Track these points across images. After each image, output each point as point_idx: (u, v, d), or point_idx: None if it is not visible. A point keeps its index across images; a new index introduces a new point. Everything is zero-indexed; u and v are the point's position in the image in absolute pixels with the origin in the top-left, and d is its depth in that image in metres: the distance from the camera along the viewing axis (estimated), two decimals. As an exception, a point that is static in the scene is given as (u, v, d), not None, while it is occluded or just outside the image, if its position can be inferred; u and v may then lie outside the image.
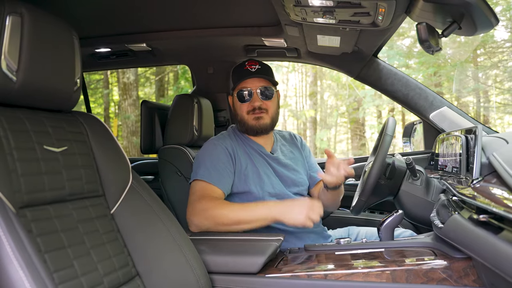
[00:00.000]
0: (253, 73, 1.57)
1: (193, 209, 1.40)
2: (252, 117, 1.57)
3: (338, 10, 1.32)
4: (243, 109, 1.59)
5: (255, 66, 1.59)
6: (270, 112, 1.59)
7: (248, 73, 1.57)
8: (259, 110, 1.57)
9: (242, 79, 1.58)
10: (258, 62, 1.61)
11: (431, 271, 1.08)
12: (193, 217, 1.39)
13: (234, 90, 1.62)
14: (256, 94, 1.57)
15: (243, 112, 1.59)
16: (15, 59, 0.86)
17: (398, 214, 1.33)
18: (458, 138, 1.17)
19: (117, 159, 1.12)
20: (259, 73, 1.57)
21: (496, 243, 0.73)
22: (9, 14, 0.85)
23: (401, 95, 1.99)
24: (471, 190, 0.94)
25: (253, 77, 1.57)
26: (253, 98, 1.57)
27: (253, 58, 1.68)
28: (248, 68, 1.58)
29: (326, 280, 1.12)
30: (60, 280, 0.82)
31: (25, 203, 0.84)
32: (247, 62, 1.61)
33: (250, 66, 1.59)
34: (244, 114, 1.59)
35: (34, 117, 0.94)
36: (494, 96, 7.33)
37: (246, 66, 1.60)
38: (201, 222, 1.37)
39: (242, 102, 1.59)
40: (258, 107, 1.56)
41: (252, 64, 1.59)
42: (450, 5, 1.09)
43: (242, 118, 1.60)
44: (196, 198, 1.43)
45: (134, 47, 2.11)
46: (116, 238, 1.04)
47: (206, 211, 1.37)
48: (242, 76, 1.58)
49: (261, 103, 1.57)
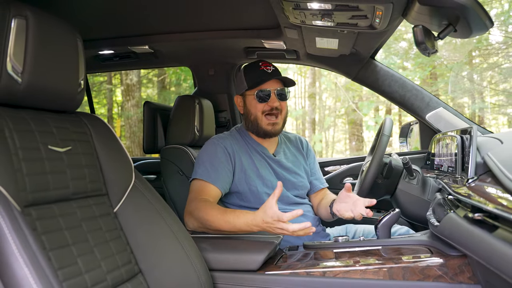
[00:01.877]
0: (272, 75, 1.56)
1: (186, 209, 1.42)
2: (267, 121, 1.57)
3: (336, 13, 1.32)
4: (258, 109, 1.57)
5: (270, 67, 1.58)
6: (283, 113, 1.60)
7: (266, 75, 1.56)
8: (276, 111, 1.56)
9: (263, 80, 1.55)
10: (270, 63, 1.61)
11: (427, 268, 1.08)
12: (185, 216, 1.41)
13: (250, 90, 1.59)
14: (274, 94, 1.56)
15: (259, 111, 1.58)
16: (20, 61, 0.86)
17: (395, 213, 1.33)
18: (453, 138, 1.17)
19: (120, 159, 1.12)
20: (276, 75, 1.57)
21: (490, 241, 0.73)
22: (14, 17, 0.85)
23: (398, 96, 1.99)
24: (466, 189, 0.94)
25: (273, 78, 1.56)
26: (271, 99, 1.56)
27: (264, 59, 1.65)
28: (264, 69, 1.57)
29: (324, 277, 1.13)
30: (64, 277, 0.82)
31: (30, 202, 0.84)
32: (261, 63, 1.59)
33: (266, 67, 1.57)
34: (259, 114, 1.58)
35: (39, 118, 0.94)
36: (489, 97, 7.32)
37: (261, 67, 1.58)
38: (191, 222, 1.39)
39: (262, 102, 1.57)
40: (275, 108, 1.56)
41: (267, 66, 1.58)
42: (446, 8, 1.09)
43: (256, 118, 1.58)
44: (190, 199, 1.44)
45: (136, 49, 2.11)
46: (119, 236, 1.04)
47: (195, 212, 1.37)
48: (261, 77, 1.56)
49: (278, 103, 1.57)
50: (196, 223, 1.37)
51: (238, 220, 1.28)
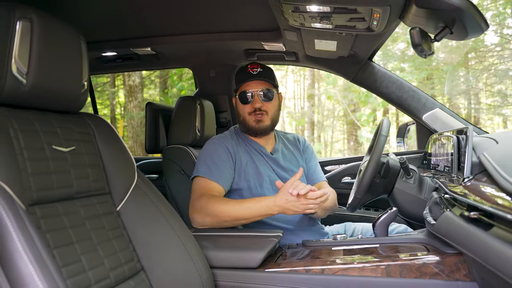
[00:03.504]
0: (255, 76, 1.57)
1: (194, 207, 1.41)
2: (253, 118, 1.58)
3: (335, 15, 1.32)
4: (245, 110, 1.60)
5: (257, 69, 1.59)
6: (270, 114, 1.60)
7: (250, 76, 1.58)
8: (260, 112, 1.57)
9: (244, 81, 1.58)
10: (260, 65, 1.61)
11: (424, 266, 1.08)
12: (195, 214, 1.39)
13: (236, 92, 1.62)
14: (257, 96, 1.57)
15: (245, 113, 1.60)
16: (25, 63, 0.86)
17: (392, 211, 1.33)
18: (449, 139, 1.17)
19: (122, 159, 1.12)
20: (260, 76, 1.58)
21: (486, 239, 0.73)
22: (19, 20, 0.85)
23: (395, 97, 1.99)
24: (462, 188, 0.94)
25: (255, 79, 1.57)
26: (254, 100, 1.57)
27: (255, 61, 1.68)
28: (250, 71, 1.59)
29: (323, 274, 1.13)
30: (68, 275, 0.82)
31: (34, 201, 0.84)
32: (249, 65, 1.61)
33: (252, 69, 1.59)
34: (246, 115, 1.60)
35: (43, 118, 0.94)
36: (484, 98, 7.33)
37: (248, 69, 1.60)
38: (203, 219, 1.38)
39: (244, 103, 1.59)
40: (258, 109, 1.57)
41: (254, 67, 1.60)
42: (442, 11, 1.09)
43: (244, 119, 1.60)
44: (197, 196, 1.43)
45: (139, 51, 2.11)
46: (121, 234, 1.04)
47: (206, 208, 1.37)
48: (244, 78, 1.58)
49: (261, 104, 1.57)
50: (208, 218, 1.37)
51: (259, 204, 1.33)
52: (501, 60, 6.84)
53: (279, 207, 1.30)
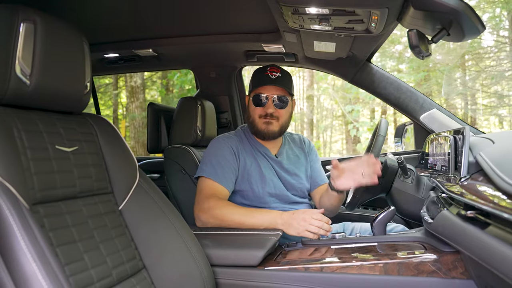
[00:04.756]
0: (273, 81, 1.52)
1: (201, 207, 1.41)
2: (263, 121, 1.54)
3: (334, 17, 1.32)
4: (256, 112, 1.56)
5: (276, 73, 1.54)
6: (281, 120, 1.56)
7: (268, 80, 1.53)
8: (271, 117, 1.53)
9: (261, 84, 1.54)
10: (280, 70, 1.56)
11: (421, 264, 1.08)
12: (200, 214, 1.40)
13: (251, 93, 1.58)
14: (271, 101, 1.53)
15: (256, 115, 1.56)
16: (28, 64, 0.86)
17: (390, 210, 1.33)
18: (447, 139, 1.17)
19: (125, 158, 1.12)
20: (277, 82, 1.53)
21: (482, 237, 0.73)
22: (23, 22, 0.85)
23: (393, 98, 1.99)
24: (459, 188, 0.94)
25: (272, 85, 1.53)
26: (268, 105, 1.53)
27: (275, 65, 1.61)
28: (269, 75, 1.53)
29: (322, 272, 1.13)
30: (71, 273, 0.82)
31: (38, 200, 0.84)
32: (269, 68, 1.56)
33: (271, 73, 1.54)
34: (256, 117, 1.56)
35: (47, 119, 0.94)
36: (481, 99, 7.32)
37: (267, 71, 1.55)
38: (207, 219, 1.38)
39: (257, 106, 1.55)
40: (270, 114, 1.53)
41: (273, 71, 1.54)
42: (440, 13, 1.09)
43: (254, 121, 1.57)
44: (204, 197, 1.43)
45: (141, 52, 2.11)
46: (124, 233, 1.04)
47: (213, 210, 1.37)
48: (262, 81, 1.54)
49: (274, 110, 1.53)
50: (212, 220, 1.38)
51: (265, 216, 1.35)
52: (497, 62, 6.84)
53: (283, 220, 1.32)
